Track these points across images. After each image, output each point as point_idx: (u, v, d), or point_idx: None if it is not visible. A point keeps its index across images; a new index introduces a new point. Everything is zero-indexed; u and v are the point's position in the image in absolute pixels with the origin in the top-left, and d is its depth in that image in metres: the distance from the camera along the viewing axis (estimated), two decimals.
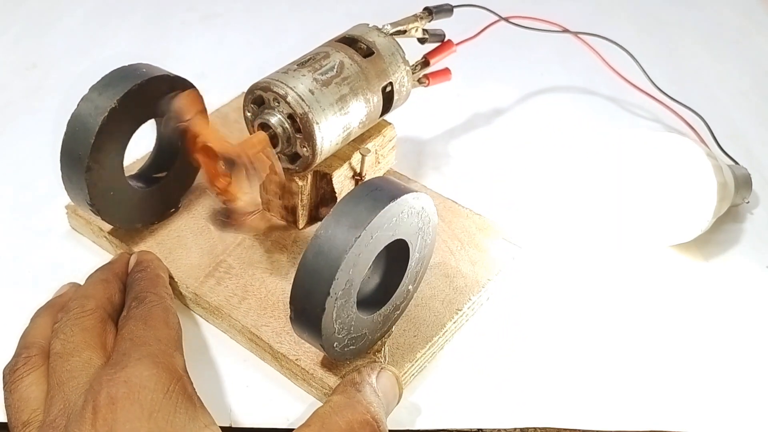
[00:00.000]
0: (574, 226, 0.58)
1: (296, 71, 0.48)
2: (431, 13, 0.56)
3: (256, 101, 0.49)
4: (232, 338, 0.49)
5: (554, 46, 0.75)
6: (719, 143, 0.63)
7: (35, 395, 0.40)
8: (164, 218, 0.54)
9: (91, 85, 0.48)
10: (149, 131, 0.52)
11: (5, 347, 0.46)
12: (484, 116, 0.69)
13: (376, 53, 0.51)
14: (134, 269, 0.48)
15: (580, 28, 0.70)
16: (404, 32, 0.55)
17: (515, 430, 0.45)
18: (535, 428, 0.45)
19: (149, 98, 0.49)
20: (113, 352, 0.41)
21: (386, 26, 0.54)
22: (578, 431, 0.45)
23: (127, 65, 0.49)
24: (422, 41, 0.57)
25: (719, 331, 0.51)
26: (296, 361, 0.45)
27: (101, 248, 0.54)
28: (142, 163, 0.55)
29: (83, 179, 0.47)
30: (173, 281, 0.50)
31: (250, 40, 0.79)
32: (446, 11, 0.57)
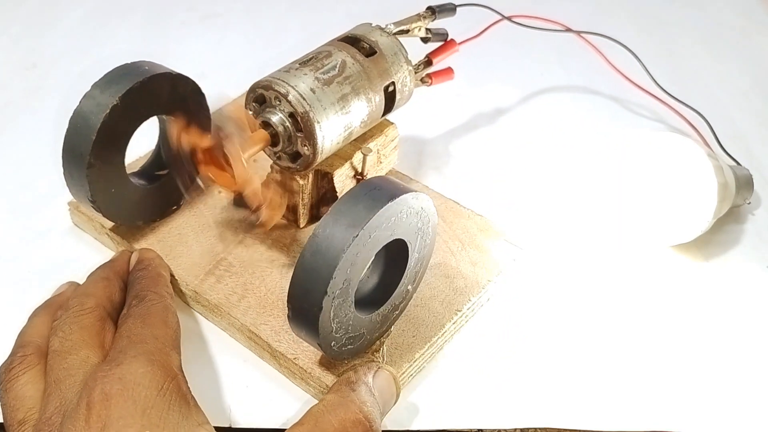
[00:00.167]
0: (574, 226, 0.58)
1: (298, 70, 0.48)
2: (434, 12, 0.56)
3: (257, 100, 0.49)
4: (231, 336, 0.49)
5: (557, 45, 0.75)
6: (721, 143, 0.63)
7: (31, 394, 0.40)
8: (165, 216, 0.54)
9: (90, 84, 0.47)
10: (151, 129, 0.52)
11: (7, 345, 0.46)
12: (486, 116, 0.69)
13: (378, 53, 0.51)
14: (135, 267, 0.48)
15: (582, 27, 0.70)
16: (407, 32, 0.55)
17: (515, 430, 0.45)
18: (535, 428, 0.45)
19: (151, 96, 0.48)
20: (110, 349, 0.41)
21: (389, 26, 0.54)
22: (578, 431, 0.45)
23: (129, 63, 0.49)
24: (425, 40, 0.57)
25: (719, 331, 0.51)
26: (294, 360, 0.45)
27: (103, 245, 0.54)
28: (144, 160, 0.55)
29: (85, 176, 0.47)
30: (173, 279, 0.50)
31: (250, 40, 0.79)
32: (449, 10, 0.57)
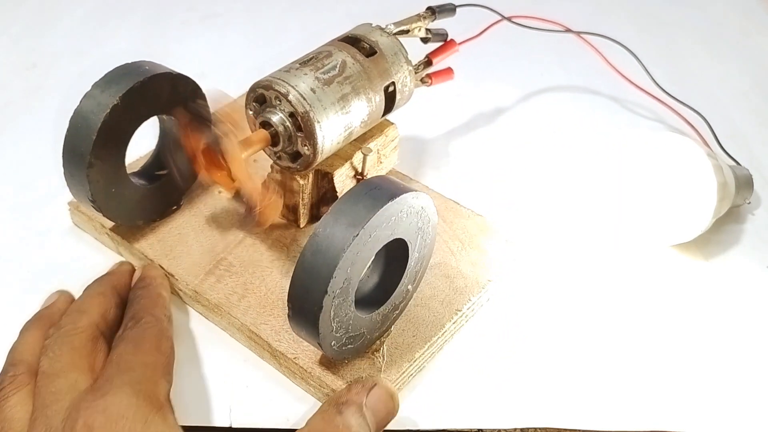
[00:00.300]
0: (574, 226, 0.58)
1: (298, 70, 0.48)
2: (434, 12, 0.56)
3: (258, 99, 0.49)
4: (231, 336, 0.49)
5: (556, 45, 0.75)
6: (721, 143, 0.63)
7: (20, 416, 0.39)
8: (166, 215, 0.54)
9: (91, 84, 0.47)
10: (151, 128, 0.52)
11: (8, 345, 0.46)
12: (485, 116, 0.69)
13: (378, 53, 0.51)
14: (137, 284, 0.47)
15: (582, 27, 0.70)
16: (407, 32, 0.55)
17: (515, 430, 0.45)
18: (535, 428, 0.45)
19: (152, 96, 0.48)
20: (99, 375, 0.40)
21: (389, 26, 0.54)
22: (578, 431, 0.45)
23: (129, 62, 0.49)
24: (425, 41, 0.57)
25: (719, 331, 0.51)
26: (295, 359, 0.45)
27: (103, 245, 0.54)
28: (144, 160, 0.55)
29: (85, 176, 0.47)
30: (174, 278, 0.50)
31: (250, 40, 0.79)
32: (449, 11, 0.57)
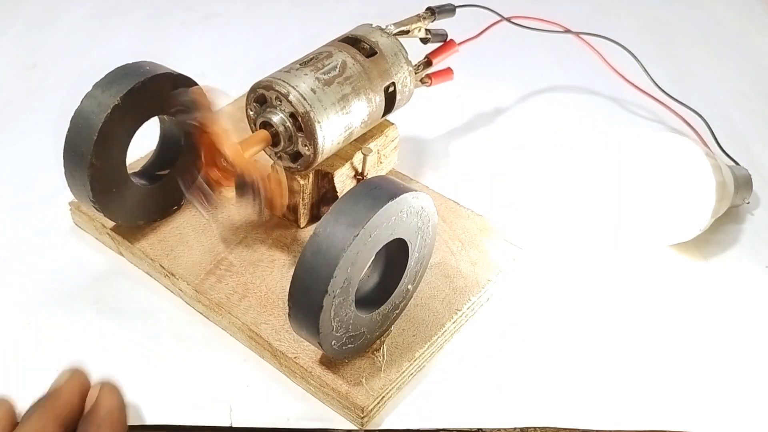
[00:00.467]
0: (574, 226, 0.58)
1: (299, 70, 0.48)
2: (434, 13, 0.56)
3: (258, 100, 0.49)
4: (231, 336, 0.49)
5: (556, 46, 0.75)
6: (720, 143, 0.63)
7: None
8: (167, 215, 0.54)
9: (91, 84, 0.47)
10: (152, 129, 0.52)
11: (8, 345, 0.46)
12: (485, 116, 0.69)
13: (378, 53, 0.51)
14: (88, 418, 0.35)
15: (581, 28, 0.70)
16: (407, 32, 0.55)
17: (515, 430, 0.45)
18: (535, 428, 0.45)
19: (152, 96, 0.49)
20: None
21: (389, 26, 0.54)
22: (578, 431, 0.45)
23: (130, 63, 0.49)
24: (425, 41, 0.57)
25: (719, 331, 0.51)
26: (295, 359, 0.45)
27: (104, 245, 0.54)
28: (145, 160, 0.55)
29: (86, 176, 0.47)
30: (174, 278, 0.50)
31: (250, 40, 0.79)
32: (449, 11, 0.57)
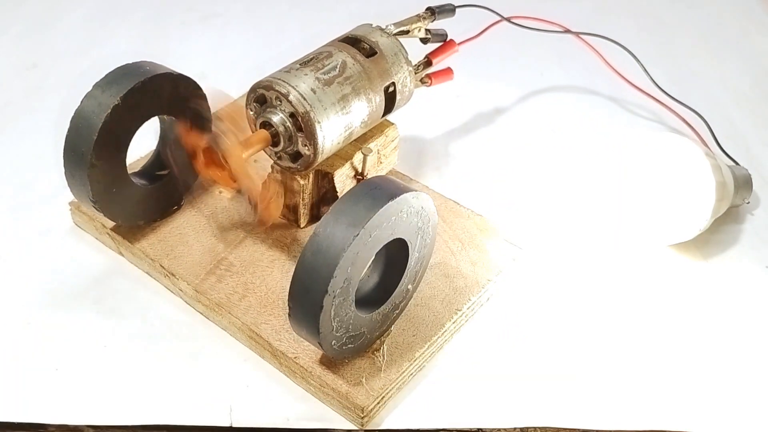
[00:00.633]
0: (574, 226, 0.58)
1: (299, 70, 0.48)
2: (434, 13, 0.56)
3: (258, 100, 0.49)
4: (231, 336, 0.49)
5: (556, 46, 0.75)
6: (720, 144, 0.63)
7: None
8: (167, 215, 0.54)
9: (91, 84, 0.47)
10: (152, 128, 0.52)
11: (8, 345, 0.46)
12: (485, 116, 0.69)
13: (378, 53, 0.51)
14: None
15: (581, 28, 0.70)
16: (407, 32, 0.55)
17: (515, 429, 0.45)
18: (535, 428, 0.45)
19: (152, 96, 0.49)
20: None
21: (389, 26, 0.54)
22: (578, 431, 0.45)
23: (130, 63, 0.49)
24: (425, 41, 0.57)
25: (718, 330, 0.51)
26: (295, 359, 0.45)
27: (104, 245, 0.54)
28: (145, 160, 0.55)
29: (86, 176, 0.47)
30: (174, 278, 0.50)
31: (250, 40, 0.79)
32: (449, 11, 0.57)
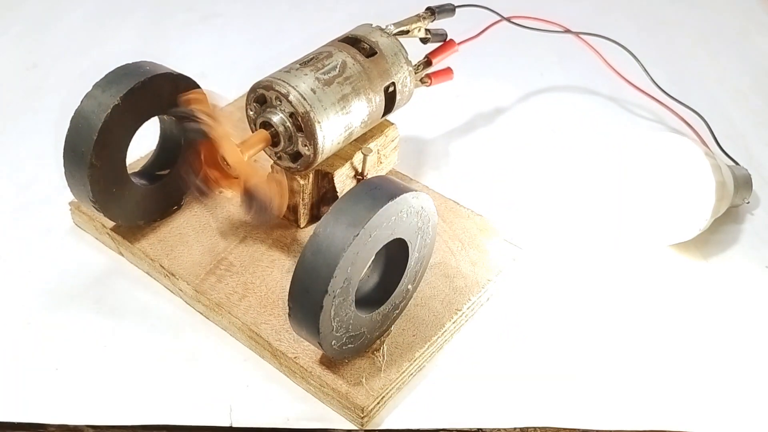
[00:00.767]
0: (574, 226, 0.58)
1: (299, 70, 0.48)
2: (434, 13, 0.56)
3: (258, 100, 0.49)
4: (231, 336, 0.49)
5: (556, 46, 0.75)
6: (719, 143, 0.63)
7: None
8: (167, 215, 0.54)
9: (91, 84, 0.47)
10: (152, 129, 0.52)
11: (8, 345, 0.46)
12: (485, 116, 0.69)
13: (378, 53, 0.51)
14: None
15: (581, 28, 0.70)
16: (407, 32, 0.55)
17: (515, 429, 0.45)
18: (535, 428, 0.45)
19: (152, 96, 0.49)
20: None
21: (389, 26, 0.54)
22: (578, 431, 0.45)
23: (130, 63, 0.49)
24: (424, 41, 0.57)
25: (719, 330, 0.51)
26: (295, 359, 0.45)
27: (104, 245, 0.54)
28: (145, 160, 0.55)
29: (86, 176, 0.47)
30: (174, 278, 0.50)
31: (250, 40, 0.79)
32: (449, 11, 0.57)
